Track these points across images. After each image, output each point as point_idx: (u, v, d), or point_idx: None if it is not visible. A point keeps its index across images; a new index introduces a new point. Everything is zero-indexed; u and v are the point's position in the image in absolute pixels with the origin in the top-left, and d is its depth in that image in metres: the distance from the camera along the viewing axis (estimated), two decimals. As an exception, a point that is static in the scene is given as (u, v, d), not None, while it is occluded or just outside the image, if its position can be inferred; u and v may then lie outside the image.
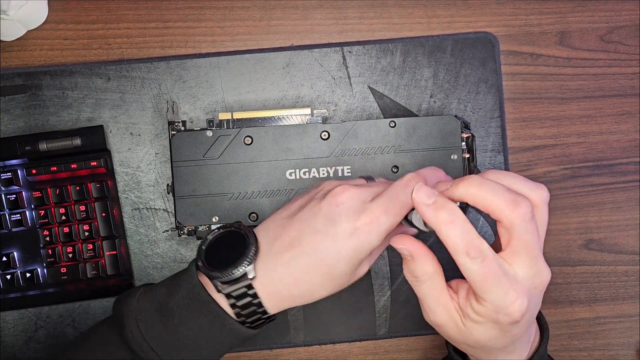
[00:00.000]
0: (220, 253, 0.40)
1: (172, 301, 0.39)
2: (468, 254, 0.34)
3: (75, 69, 0.54)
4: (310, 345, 0.56)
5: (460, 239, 0.35)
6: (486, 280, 0.34)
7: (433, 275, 0.38)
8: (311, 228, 0.38)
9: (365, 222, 0.37)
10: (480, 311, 0.36)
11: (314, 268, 0.38)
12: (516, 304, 0.35)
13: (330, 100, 0.55)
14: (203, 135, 0.51)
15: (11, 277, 0.53)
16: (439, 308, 0.38)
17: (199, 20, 0.55)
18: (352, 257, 0.38)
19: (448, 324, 0.38)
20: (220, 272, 0.38)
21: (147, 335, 0.39)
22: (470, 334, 0.37)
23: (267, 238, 0.40)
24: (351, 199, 0.38)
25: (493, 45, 0.56)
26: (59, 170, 0.52)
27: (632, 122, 0.57)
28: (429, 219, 0.36)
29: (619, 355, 0.57)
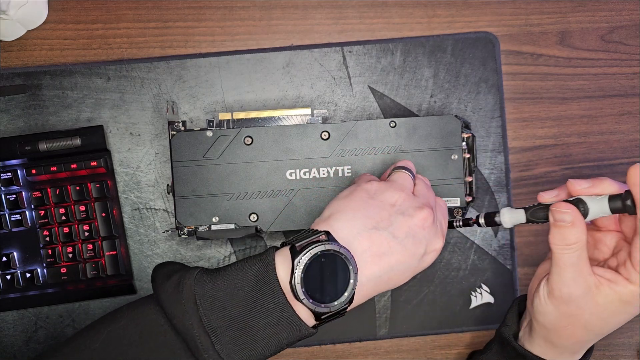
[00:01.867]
0: (317, 276, 0.38)
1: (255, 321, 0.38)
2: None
3: (75, 68, 0.54)
4: (310, 345, 0.56)
5: None
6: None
7: (583, 246, 0.40)
8: (402, 246, 0.41)
9: (441, 245, 0.43)
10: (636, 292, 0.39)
11: (393, 280, 0.41)
12: None
13: (331, 100, 0.55)
14: (203, 135, 0.51)
15: (11, 277, 0.53)
16: (580, 280, 0.40)
17: (199, 20, 0.55)
18: (423, 269, 0.43)
19: (585, 297, 0.40)
20: (327, 306, 0.38)
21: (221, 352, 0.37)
22: (605, 311, 0.40)
23: (357, 250, 0.40)
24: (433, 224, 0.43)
25: (493, 45, 0.55)
26: (58, 170, 0.52)
27: (632, 122, 0.57)
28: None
29: (619, 355, 0.57)
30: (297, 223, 0.51)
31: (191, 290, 0.38)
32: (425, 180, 0.47)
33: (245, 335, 0.38)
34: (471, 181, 0.52)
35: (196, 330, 0.37)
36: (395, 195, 0.42)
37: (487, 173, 0.56)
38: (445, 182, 0.51)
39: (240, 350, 0.38)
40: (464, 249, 0.56)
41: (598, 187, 0.40)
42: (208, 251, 0.55)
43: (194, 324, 0.37)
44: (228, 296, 0.38)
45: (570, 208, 0.40)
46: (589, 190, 0.40)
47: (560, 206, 0.40)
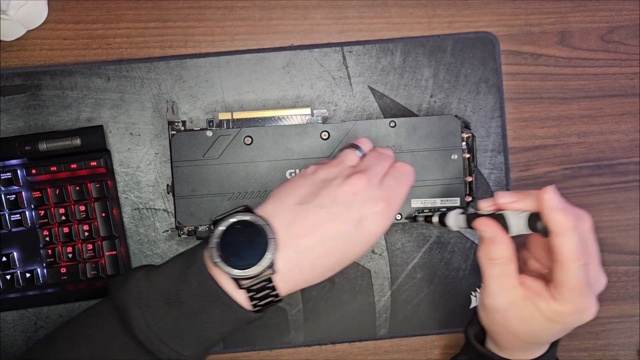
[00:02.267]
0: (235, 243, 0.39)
1: (181, 292, 0.39)
2: (578, 260, 0.37)
3: (75, 68, 0.54)
4: (310, 345, 0.56)
5: (578, 245, 0.37)
6: (582, 285, 0.38)
7: (508, 261, 0.40)
8: (330, 215, 0.39)
9: (382, 207, 0.40)
10: (558, 311, 0.39)
11: (331, 252, 0.39)
12: (593, 308, 0.39)
13: (330, 100, 0.55)
14: (203, 135, 0.51)
15: (11, 277, 0.53)
16: (505, 292, 0.40)
17: (199, 20, 0.55)
18: (369, 241, 0.41)
19: (510, 310, 0.41)
20: (243, 270, 0.38)
21: (155, 326, 0.38)
22: (531, 325, 0.40)
23: (281, 225, 0.39)
24: (367, 187, 0.40)
25: (493, 45, 0.55)
26: (58, 170, 0.52)
27: (632, 122, 0.57)
28: (555, 222, 0.37)
29: (619, 355, 0.57)
30: (297, 223, 0.51)
31: (133, 274, 0.40)
32: (381, 150, 0.45)
33: (178, 310, 0.38)
34: (471, 181, 0.52)
35: (129, 303, 0.39)
36: (327, 171, 0.42)
37: (487, 173, 0.56)
38: (445, 182, 0.51)
39: (174, 325, 0.38)
40: (464, 249, 0.56)
41: (522, 202, 0.39)
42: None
43: (128, 298, 0.39)
44: (164, 273, 0.40)
45: (490, 225, 0.40)
46: (512, 205, 0.40)
47: (481, 223, 0.40)
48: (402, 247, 0.55)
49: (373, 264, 0.55)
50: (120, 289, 0.40)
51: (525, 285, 0.41)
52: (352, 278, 0.55)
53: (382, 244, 0.55)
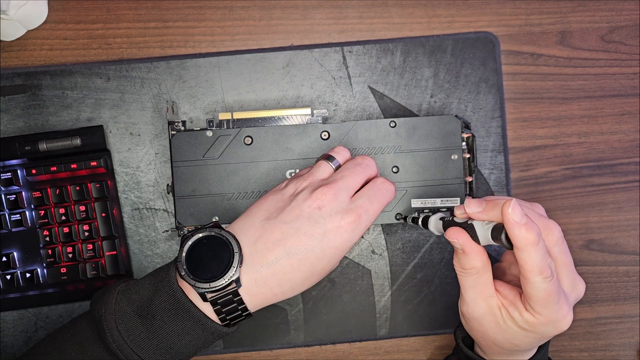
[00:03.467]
0: (202, 257, 0.40)
1: (153, 304, 0.40)
2: (542, 273, 0.37)
3: (75, 68, 0.54)
4: (310, 345, 0.56)
5: (540, 259, 0.36)
6: (550, 297, 0.37)
7: (481, 270, 0.40)
8: (294, 230, 0.39)
9: (348, 221, 0.40)
10: (530, 321, 0.39)
11: (297, 267, 0.40)
12: (567, 318, 0.39)
13: (330, 100, 0.55)
14: (203, 135, 0.51)
15: (11, 277, 0.53)
16: (480, 301, 0.40)
17: (199, 20, 0.55)
18: (335, 255, 0.40)
19: (485, 318, 0.41)
20: (207, 283, 0.39)
21: (127, 338, 0.39)
22: (508, 333, 0.40)
23: (248, 240, 0.40)
24: (332, 202, 0.40)
25: (493, 45, 0.55)
26: (58, 170, 0.52)
27: (632, 122, 0.57)
28: (518, 237, 0.36)
29: (619, 355, 0.57)
30: (297, 223, 0.51)
31: (112, 288, 0.41)
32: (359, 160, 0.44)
33: (150, 323, 0.39)
34: (471, 181, 0.52)
35: (105, 315, 0.40)
36: (296, 185, 0.42)
37: (487, 173, 0.56)
38: (445, 182, 0.51)
39: (146, 337, 0.39)
40: (464, 249, 0.56)
41: (487, 213, 0.38)
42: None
43: (104, 311, 0.40)
44: (139, 287, 0.41)
45: (459, 236, 0.39)
46: (477, 215, 0.39)
47: (451, 233, 0.40)
48: (402, 247, 0.55)
49: (373, 264, 0.55)
50: (98, 302, 0.41)
51: (501, 293, 0.40)
52: (352, 278, 0.55)
53: (382, 244, 0.55)
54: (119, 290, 0.41)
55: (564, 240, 0.39)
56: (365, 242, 0.55)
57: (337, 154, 0.45)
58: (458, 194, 0.51)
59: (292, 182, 0.43)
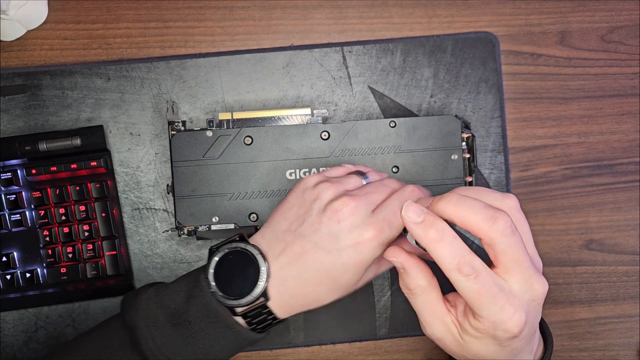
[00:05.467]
0: (229, 273, 0.40)
1: (189, 314, 0.40)
2: (460, 271, 0.34)
3: (75, 68, 0.54)
4: (310, 345, 0.56)
5: (452, 256, 0.35)
6: (481, 297, 0.34)
7: (427, 289, 0.38)
8: (313, 244, 0.39)
9: (368, 238, 0.38)
10: (478, 327, 0.36)
11: (320, 281, 0.39)
12: (514, 319, 0.35)
13: (330, 100, 0.55)
14: (203, 135, 0.51)
15: (11, 277, 0.53)
16: (436, 321, 0.38)
17: (199, 20, 0.55)
18: (357, 269, 0.39)
19: (446, 337, 0.38)
20: (236, 300, 0.39)
21: (162, 345, 0.39)
22: (470, 348, 0.37)
23: (272, 254, 0.40)
24: (352, 215, 0.38)
25: (493, 45, 0.55)
26: (58, 170, 0.52)
27: (632, 122, 0.57)
28: (418, 237, 0.36)
29: (619, 355, 0.57)
30: (297, 223, 0.51)
31: (143, 293, 0.41)
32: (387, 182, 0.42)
33: (185, 330, 0.39)
34: (471, 181, 0.52)
35: (138, 322, 0.40)
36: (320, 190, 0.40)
37: (487, 173, 0.56)
38: (445, 182, 0.51)
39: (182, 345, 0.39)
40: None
41: None
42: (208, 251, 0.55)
43: (137, 318, 0.40)
44: (171, 294, 0.41)
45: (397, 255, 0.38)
46: None
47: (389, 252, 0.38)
48: (402, 247, 0.55)
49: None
50: (130, 308, 0.41)
51: (452, 303, 0.38)
52: (352, 278, 0.55)
53: (382, 244, 0.55)
54: (150, 296, 0.41)
55: (514, 232, 0.35)
56: (365, 242, 0.55)
57: (371, 175, 0.44)
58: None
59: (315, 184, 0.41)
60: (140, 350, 0.39)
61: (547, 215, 0.57)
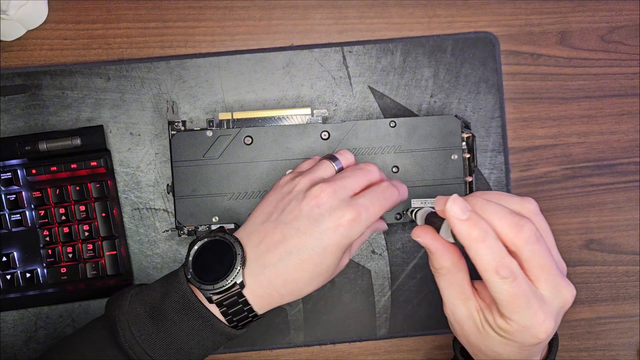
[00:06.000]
0: (207, 261, 0.41)
1: (164, 305, 0.40)
2: (498, 273, 0.34)
3: (75, 68, 0.54)
4: (310, 345, 0.56)
5: (492, 257, 0.34)
6: (515, 301, 0.34)
7: (452, 270, 0.38)
8: (295, 229, 0.39)
9: (348, 219, 0.39)
10: (503, 327, 0.36)
11: (301, 267, 0.39)
12: (543, 326, 0.35)
13: (330, 100, 0.55)
14: (203, 135, 0.51)
15: (11, 277, 0.53)
16: (458, 302, 0.39)
17: (199, 20, 0.55)
18: (337, 251, 0.40)
19: (465, 321, 0.39)
20: (211, 284, 0.39)
21: (139, 337, 0.40)
22: (487, 340, 0.37)
23: (251, 243, 0.41)
24: (331, 199, 0.40)
25: (493, 45, 0.55)
26: (58, 170, 0.52)
27: (632, 122, 0.57)
28: (460, 234, 0.35)
29: (619, 355, 0.57)
30: (297, 223, 0.51)
31: (126, 291, 0.42)
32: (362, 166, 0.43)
33: (161, 322, 0.40)
34: (471, 181, 0.52)
35: (118, 316, 0.40)
36: (295, 182, 0.42)
37: (487, 173, 0.56)
38: (445, 182, 0.51)
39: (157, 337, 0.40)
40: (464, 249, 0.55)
41: None
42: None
43: (118, 312, 0.41)
44: (152, 290, 0.42)
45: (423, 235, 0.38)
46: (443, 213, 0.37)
47: (416, 233, 0.39)
48: (402, 247, 0.55)
49: (373, 264, 0.55)
50: (113, 304, 0.42)
51: (480, 294, 0.38)
52: (352, 278, 0.55)
53: (382, 244, 0.55)
54: (133, 293, 0.42)
55: (539, 239, 0.35)
56: (366, 242, 0.55)
57: (341, 156, 0.45)
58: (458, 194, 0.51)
59: (292, 180, 0.43)
60: (118, 343, 0.40)
61: (547, 215, 0.56)
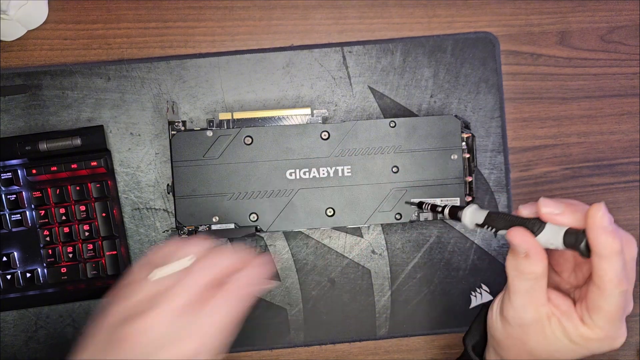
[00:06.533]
0: None
1: None
2: (620, 286, 0.34)
3: (75, 68, 0.54)
4: (310, 345, 0.56)
5: (622, 270, 0.34)
6: (618, 312, 0.35)
7: (540, 276, 0.37)
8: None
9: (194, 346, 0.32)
10: (586, 336, 0.36)
11: None
12: (623, 336, 0.37)
13: (330, 100, 0.55)
14: (203, 135, 0.51)
15: (11, 277, 0.53)
16: (531, 308, 0.38)
17: (199, 20, 0.55)
18: None
19: (532, 326, 0.38)
20: None
21: None
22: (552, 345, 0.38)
23: None
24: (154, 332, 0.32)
25: (493, 45, 0.55)
26: (59, 170, 0.52)
27: (632, 122, 0.57)
28: (603, 244, 0.34)
29: (619, 355, 0.57)
30: (297, 223, 0.51)
31: None
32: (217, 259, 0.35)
33: None
34: (471, 181, 0.52)
35: None
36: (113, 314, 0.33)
37: (487, 173, 0.56)
38: (445, 182, 0.51)
39: None
40: (464, 249, 0.56)
41: (569, 216, 0.35)
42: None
43: None
44: None
45: (526, 240, 0.36)
46: (556, 218, 0.35)
47: (515, 235, 0.36)
48: (402, 247, 0.55)
49: (373, 264, 0.55)
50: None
51: (553, 302, 0.38)
52: (352, 278, 0.55)
53: (382, 244, 0.55)
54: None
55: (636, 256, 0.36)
56: (366, 242, 0.56)
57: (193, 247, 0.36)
58: (458, 194, 0.51)
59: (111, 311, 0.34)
60: None
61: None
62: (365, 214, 0.51)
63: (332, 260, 0.55)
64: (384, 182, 0.51)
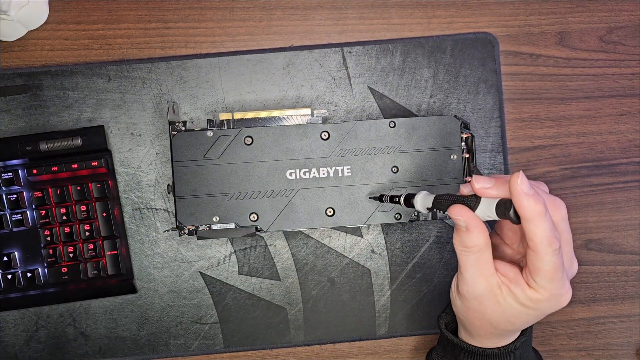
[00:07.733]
0: None
1: None
2: (551, 245, 0.37)
3: (76, 69, 0.54)
4: (310, 345, 0.56)
5: (550, 231, 0.36)
6: (556, 270, 0.37)
7: (483, 248, 0.40)
8: None
9: None
10: (534, 298, 0.39)
11: None
12: (568, 294, 0.39)
13: (330, 101, 0.56)
14: (203, 135, 0.51)
15: (12, 277, 0.53)
16: (480, 279, 0.40)
17: (200, 20, 0.56)
18: None
19: (485, 296, 0.41)
20: None
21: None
22: (507, 312, 0.40)
23: None
24: None
25: (493, 45, 0.56)
26: (59, 170, 0.52)
27: (631, 123, 0.57)
28: (527, 208, 0.36)
29: (618, 355, 0.57)
30: (297, 223, 0.51)
31: None
32: None
33: None
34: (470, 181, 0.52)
35: None
36: None
37: (486, 173, 0.56)
38: (445, 182, 0.52)
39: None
40: (463, 248, 0.56)
41: (497, 189, 0.38)
42: (208, 251, 0.55)
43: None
44: None
45: (464, 214, 0.39)
46: (488, 192, 0.39)
47: (455, 211, 0.40)
48: (401, 247, 0.56)
49: (373, 264, 0.56)
50: None
51: (500, 271, 0.40)
52: (352, 277, 0.56)
53: (382, 244, 0.56)
54: None
55: (566, 219, 0.40)
56: (365, 241, 0.56)
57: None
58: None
59: None
60: None
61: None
62: (365, 214, 0.52)
63: (332, 260, 0.55)
64: (384, 182, 0.52)
